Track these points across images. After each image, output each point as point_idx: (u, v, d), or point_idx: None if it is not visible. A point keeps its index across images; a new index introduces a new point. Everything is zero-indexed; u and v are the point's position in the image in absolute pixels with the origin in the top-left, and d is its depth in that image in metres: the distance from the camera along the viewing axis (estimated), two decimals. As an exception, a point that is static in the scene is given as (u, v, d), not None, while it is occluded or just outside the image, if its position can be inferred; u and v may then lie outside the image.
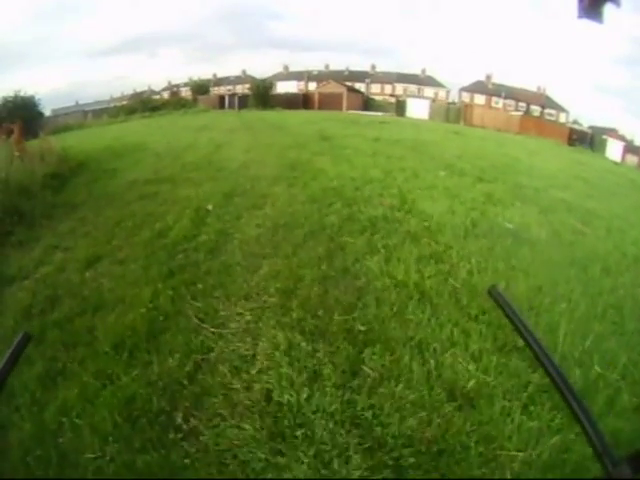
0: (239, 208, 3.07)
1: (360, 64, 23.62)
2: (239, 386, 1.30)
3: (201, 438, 1.15)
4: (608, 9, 0.63)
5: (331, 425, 1.14)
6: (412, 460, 1.05)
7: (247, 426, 1.15)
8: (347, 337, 1.50)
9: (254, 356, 1.42)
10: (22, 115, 16.51)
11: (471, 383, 1.29)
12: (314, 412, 1.19)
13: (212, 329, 1.60)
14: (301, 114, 15.91)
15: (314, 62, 24.31)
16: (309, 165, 4.49)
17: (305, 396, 1.23)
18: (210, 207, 3.18)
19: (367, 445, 1.09)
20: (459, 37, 22.50)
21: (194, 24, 26.60)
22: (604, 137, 20.14)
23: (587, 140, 20.27)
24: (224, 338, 1.54)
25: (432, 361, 1.38)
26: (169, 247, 2.54)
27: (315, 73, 24.93)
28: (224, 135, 8.42)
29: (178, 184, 4.22)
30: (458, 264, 2.14)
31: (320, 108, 20.26)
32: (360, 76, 24.58)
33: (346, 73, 24.78)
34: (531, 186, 4.83)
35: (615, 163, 15.83)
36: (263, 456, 1.06)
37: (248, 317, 1.66)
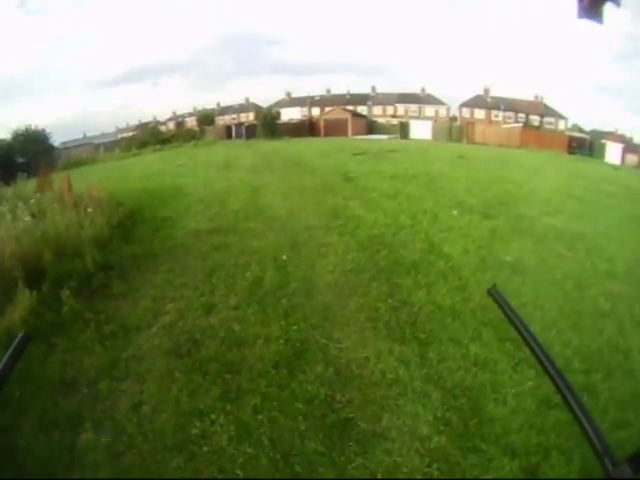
0: (309, 257, 4.37)
1: (360, 84, 25.36)
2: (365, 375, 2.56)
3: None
4: (608, 9, 0.68)
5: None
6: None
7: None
8: (414, 338, 2.79)
9: (367, 358, 2.70)
10: (34, 149, 18.05)
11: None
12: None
13: (336, 345, 2.87)
14: (311, 143, 17.55)
15: (314, 85, 26.03)
16: (347, 211, 5.87)
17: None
18: (285, 257, 4.47)
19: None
20: (455, 50, 24.21)
21: (194, 52, 28.63)
22: (603, 141, 21.48)
23: (586, 146, 21.59)
24: (345, 349, 2.81)
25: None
26: (270, 293, 3.78)
27: (317, 98, 26.72)
28: (252, 176, 9.81)
29: (242, 235, 5.44)
30: (474, 292, 3.44)
31: (326, 135, 21.99)
32: (361, 99, 26.35)
33: (347, 97, 26.58)
34: (527, 216, 6.15)
35: (614, 168, 17.14)
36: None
37: (354, 337, 2.94)
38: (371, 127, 23.83)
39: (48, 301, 3.60)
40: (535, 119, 25.54)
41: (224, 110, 27.43)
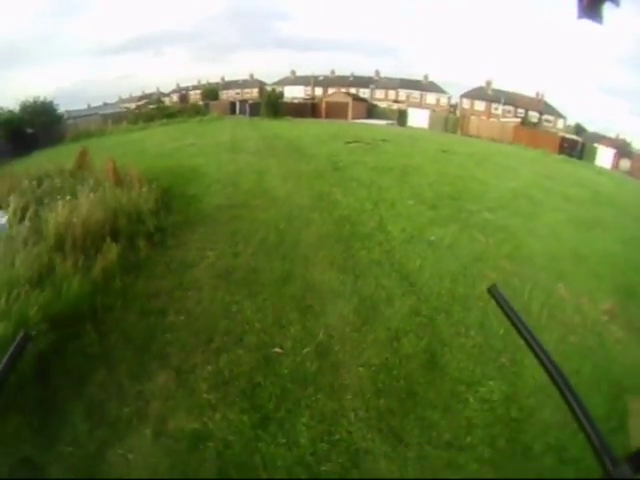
0: (298, 227, 6.75)
1: (365, 66, 26.80)
2: (323, 288, 5.01)
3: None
4: (608, 10, 0.69)
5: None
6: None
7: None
8: (352, 273, 5.24)
9: (325, 281, 5.15)
10: (43, 121, 19.79)
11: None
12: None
13: (309, 274, 5.31)
14: (312, 127, 19.60)
15: (319, 62, 27.38)
16: (330, 196, 8.24)
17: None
18: (282, 226, 6.83)
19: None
20: (463, 42, 25.67)
21: (200, 23, 29.76)
22: (595, 145, 23.33)
23: (577, 149, 23.45)
24: (314, 276, 5.25)
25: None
26: (273, 247, 6.10)
27: (321, 78, 28.43)
28: (257, 160, 12.04)
29: (252, 209, 7.78)
30: (398, 255, 5.86)
31: (327, 117, 23.97)
32: (364, 82, 28.11)
33: (351, 79, 28.31)
34: (469, 210, 8.47)
35: (598, 172, 19.14)
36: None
37: (320, 270, 5.37)
38: (371, 111, 25.76)
39: (127, 250, 5.95)
40: (534, 115, 27.32)
41: (228, 85, 29.01)
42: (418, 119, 24.03)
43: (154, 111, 25.72)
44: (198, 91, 29.26)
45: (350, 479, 2.09)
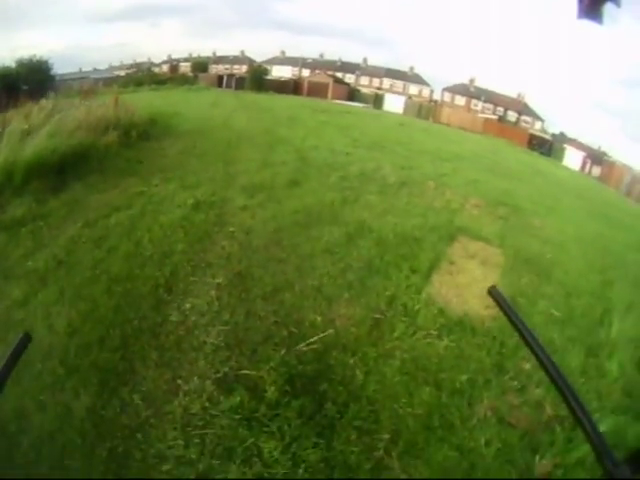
0: (251, 146, 10.26)
1: (355, 53, 30.55)
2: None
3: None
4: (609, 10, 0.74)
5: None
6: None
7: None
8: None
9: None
10: (37, 78, 23.12)
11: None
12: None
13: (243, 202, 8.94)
14: (287, 100, 23.33)
15: (311, 46, 31.01)
16: (276, 130, 11.92)
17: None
18: (232, 140, 10.44)
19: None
20: (455, 39, 29.28)
21: None
22: (564, 145, 27.00)
23: (546, 147, 27.10)
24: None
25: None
26: (224, 146, 9.74)
27: (309, 61, 32.30)
28: (230, 112, 15.73)
29: (213, 132, 11.40)
30: (303, 149, 9.53)
31: (308, 95, 27.77)
32: (351, 68, 32.03)
33: (339, 64, 32.22)
34: (383, 145, 12.12)
35: (557, 166, 22.78)
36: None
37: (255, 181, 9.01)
38: (352, 95, 29.64)
39: (123, 136, 9.55)
40: (513, 115, 31.17)
41: (219, 59, 32.70)
42: (394, 104, 27.91)
43: (144, 77, 29.28)
44: (188, 63, 32.88)
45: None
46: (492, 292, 0.79)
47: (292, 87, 28.10)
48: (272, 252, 4.46)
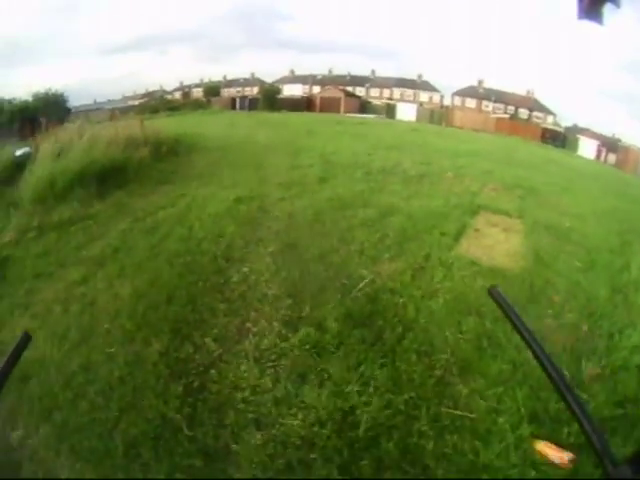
0: (276, 158, 11.17)
1: (363, 66, 31.70)
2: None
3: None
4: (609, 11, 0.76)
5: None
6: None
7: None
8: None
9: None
10: (54, 111, 24.54)
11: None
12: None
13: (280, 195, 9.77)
14: (302, 116, 24.48)
15: (319, 63, 32.20)
16: (295, 142, 12.82)
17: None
18: (258, 152, 11.34)
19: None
20: (460, 43, 30.10)
21: (204, 23, 34.42)
22: (577, 136, 27.35)
23: (560, 139, 27.56)
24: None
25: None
26: (262, 167, 10.63)
27: (319, 77, 33.67)
28: (248, 130, 16.80)
29: (237, 147, 12.38)
30: (327, 154, 10.32)
31: (321, 111, 28.96)
32: (361, 81, 33.24)
33: (348, 78, 33.50)
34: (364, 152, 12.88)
35: (570, 156, 23.10)
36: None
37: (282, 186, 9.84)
38: (364, 107, 30.74)
39: (153, 152, 10.55)
40: (524, 112, 31.72)
41: (230, 83, 34.34)
42: (406, 113, 28.84)
43: (159, 105, 30.95)
44: (200, 89, 34.57)
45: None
46: (492, 292, 0.79)
47: (305, 104, 29.39)
48: (315, 228, 5.19)
